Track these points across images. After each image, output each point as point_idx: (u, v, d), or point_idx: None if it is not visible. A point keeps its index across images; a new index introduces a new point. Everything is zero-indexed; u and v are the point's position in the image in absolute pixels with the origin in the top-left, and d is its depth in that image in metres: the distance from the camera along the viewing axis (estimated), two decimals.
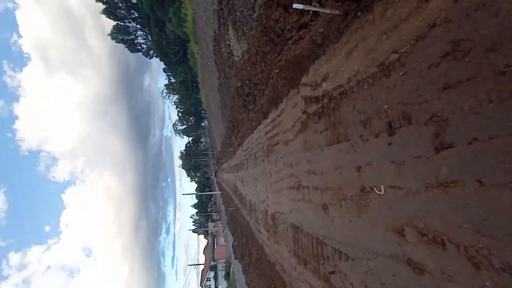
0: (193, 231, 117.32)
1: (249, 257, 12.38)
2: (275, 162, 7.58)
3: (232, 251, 34.92)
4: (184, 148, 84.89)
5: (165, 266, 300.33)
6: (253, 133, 11.34)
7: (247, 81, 8.70)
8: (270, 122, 8.01)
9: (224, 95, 21.41)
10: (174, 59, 53.70)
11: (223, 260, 52.32)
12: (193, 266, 50.66)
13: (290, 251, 6.23)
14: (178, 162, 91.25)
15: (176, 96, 79.76)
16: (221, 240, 60.26)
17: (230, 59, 13.09)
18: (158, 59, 64.16)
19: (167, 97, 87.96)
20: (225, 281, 44.57)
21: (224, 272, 44.62)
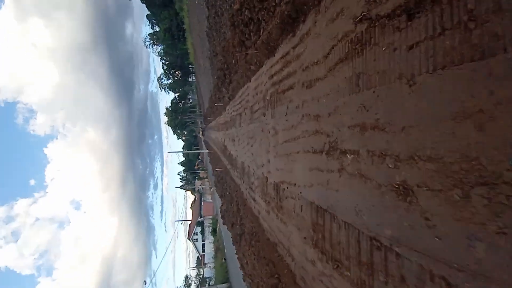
0: (180, 187, 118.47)
1: (241, 227, 10.91)
2: (284, 115, 5.46)
3: (219, 209, 34.51)
4: (170, 104, 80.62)
5: (154, 219, 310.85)
6: (249, 81, 9.00)
7: None
8: (279, 59, 5.69)
9: (213, 39, 18.23)
10: (157, 1, 47.27)
11: (210, 217, 52.81)
12: (180, 222, 50.93)
13: (305, 238, 4.44)
14: (164, 119, 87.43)
15: (160, 47, 72.99)
16: (208, 198, 60.42)
17: None
18: (139, 1, 56.72)
19: (151, 47, 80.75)
20: (212, 236, 45.26)
21: (211, 228, 45.14)
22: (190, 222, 56.30)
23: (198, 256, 60.75)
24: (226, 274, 23.51)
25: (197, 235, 58.79)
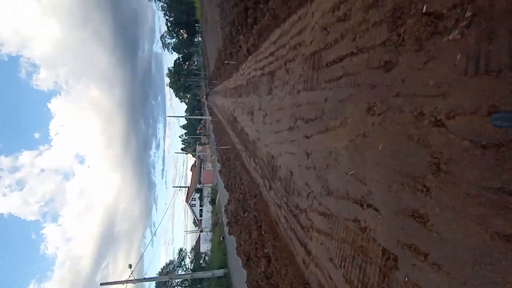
0: (181, 149, 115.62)
1: (257, 229, 6.95)
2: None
3: (219, 177, 31.11)
4: (173, 65, 73.79)
5: (155, 176, 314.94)
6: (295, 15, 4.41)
7: None
8: None
9: None
10: None
11: (209, 185, 49.98)
12: (179, 188, 48.16)
13: None
14: (167, 80, 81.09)
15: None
16: (208, 166, 57.19)
17: None
18: None
19: (154, 0, 71.67)
20: (210, 206, 42.69)
21: (210, 198, 42.44)
22: (188, 187, 53.67)
23: (194, 219, 59.35)
24: (224, 257, 20.60)
25: (195, 200, 56.65)
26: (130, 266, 16.50)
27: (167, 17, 69.89)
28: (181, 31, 77.72)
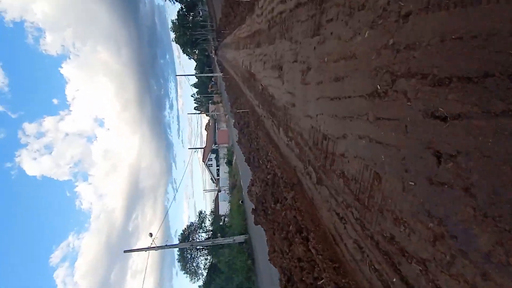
0: (194, 108, 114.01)
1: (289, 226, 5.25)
2: None
3: (234, 138, 29.62)
4: (176, 17, 67.52)
5: (172, 136, 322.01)
6: None
7: None
8: None
9: None
10: None
11: (225, 145, 48.99)
12: (194, 150, 47.60)
13: None
14: (172, 35, 75.33)
15: None
16: (223, 126, 55.56)
17: None
18: None
19: None
20: (227, 166, 42.18)
21: (226, 159, 41.67)
22: (204, 147, 53.13)
23: (211, 178, 60.29)
24: (244, 223, 19.98)
25: (211, 160, 56.62)
26: (151, 235, 16.05)
27: None
28: None
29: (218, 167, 56.54)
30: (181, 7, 68.43)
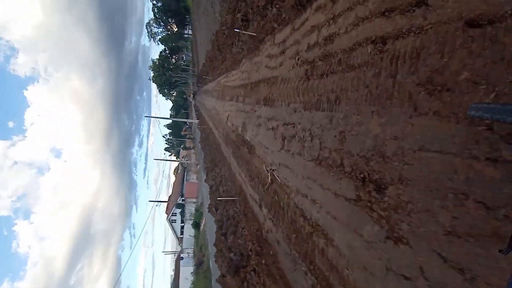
0: (165, 149, 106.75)
1: None
2: None
3: (204, 195, 23.76)
4: (158, 57, 65.44)
5: (136, 175, 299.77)
6: None
7: None
8: None
9: None
10: None
11: (193, 200, 42.43)
12: (156, 204, 40.31)
13: None
14: (152, 74, 72.28)
15: None
16: (193, 177, 49.51)
17: None
18: None
19: None
20: (193, 229, 35.19)
21: (192, 220, 35.01)
22: (168, 200, 45.69)
23: (174, 234, 51.42)
24: None
25: (175, 215, 48.79)
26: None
27: (154, 2, 61.61)
28: (170, 20, 69.61)
29: (182, 224, 48.58)
30: (165, 48, 66.93)
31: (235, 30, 7.83)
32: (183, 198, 45.26)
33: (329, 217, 2.96)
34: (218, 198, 8.61)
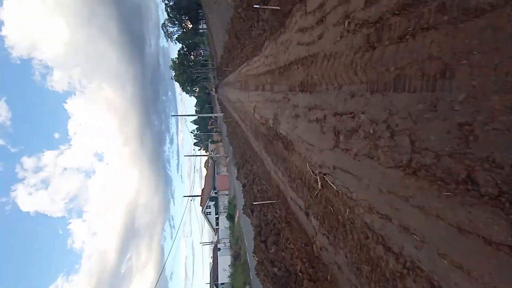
0: (194, 144, 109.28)
1: None
2: None
3: (236, 189, 23.30)
4: (177, 56, 65.69)
5: (171, 171, 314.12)
6: None
7: None
8: None
9: None
10: None
11: (226, 192, 42.68)
12: (190, 198, 41.14)
13: None
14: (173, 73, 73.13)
15: None
16: (223, 170, 49.74)
17: None
18: None
19: None
20: (228, 221, 35.42)
21: (226, 213, 35.20)
22: (201, 194, 46.56)
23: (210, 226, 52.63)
24: None
25: (210, 208, 49.67)
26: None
27: (166, 1, 61.32)
28: (184, 18, 69.15)
29: (217, 215, 49.43)
30: (182, 47, 66.95)
31: (254, 7, 6.64)
32: (216, 191, 45.76)
33: (446, 263, 1.84)
34: (253, 203, 7.72)
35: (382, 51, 2.53)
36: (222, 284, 38.84)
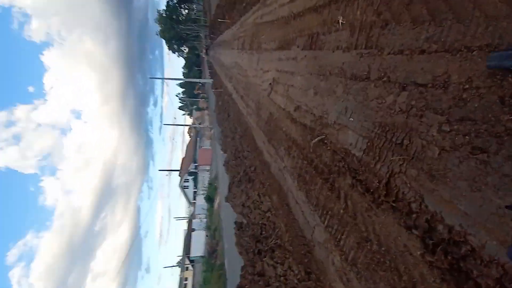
0: (179, 108, 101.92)
1: None
2: None
3: (219, 163, 19.12)
4: (165, 7, 56.26)
5: (152, 133, 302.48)
6: None
7: None
8: None
9: None
10: None
11: (207, 167, 38.47)
12: (166, 173, 36.69)
13: None
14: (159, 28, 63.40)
15: None
16: (206, 144, 44.89)
17: None
18: None
19: None
20: (205, 202, 31.64)
21: (205, 194, 31.30)
22: (180, 169, 42.10)
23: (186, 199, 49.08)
24: None
25: (187, 182, 45.67)
26: None
27: None
28: None
29: (195, 189, 45.71)
30: None
31: None
32: (196, 165, 41.41)
33: None
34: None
35: None
36: (193, 260, 36.35)
